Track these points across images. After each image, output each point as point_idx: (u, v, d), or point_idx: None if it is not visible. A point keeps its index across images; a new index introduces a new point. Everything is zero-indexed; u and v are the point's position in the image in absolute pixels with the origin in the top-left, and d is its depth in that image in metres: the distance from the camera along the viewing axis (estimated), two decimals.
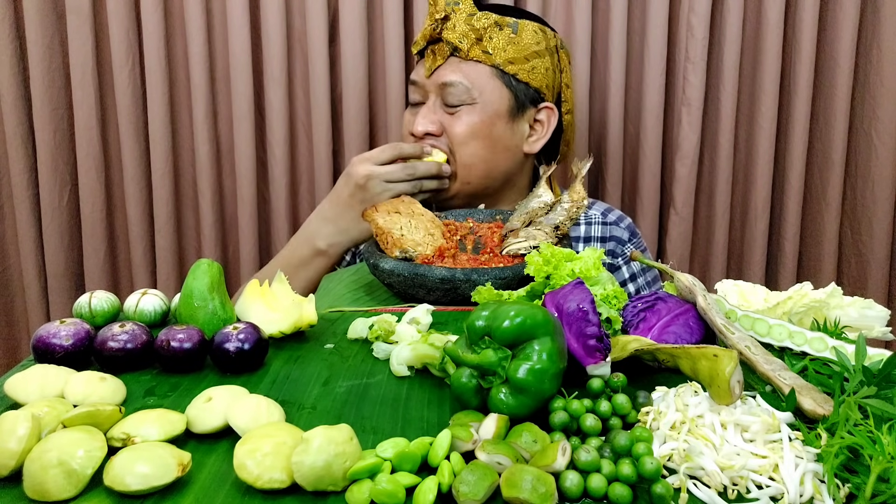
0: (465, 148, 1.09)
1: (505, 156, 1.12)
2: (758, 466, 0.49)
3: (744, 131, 1.49)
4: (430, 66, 1.10)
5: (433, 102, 1.11)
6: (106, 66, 1.46)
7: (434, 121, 1.10)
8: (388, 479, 0.48)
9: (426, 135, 1.10)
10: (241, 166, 1.47)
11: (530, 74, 1.10)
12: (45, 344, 0.67)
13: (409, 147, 1.08)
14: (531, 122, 1.14)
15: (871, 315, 0.72)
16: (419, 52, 1.14)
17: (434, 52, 1.10)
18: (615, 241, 1.15)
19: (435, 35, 1.09)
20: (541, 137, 1.15)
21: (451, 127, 1.09)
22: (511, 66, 1.08)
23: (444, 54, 1.09)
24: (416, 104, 1.14)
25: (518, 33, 1.08)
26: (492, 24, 1.08)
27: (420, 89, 1.13)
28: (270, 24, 1.41)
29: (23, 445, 0.49)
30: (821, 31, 1.43)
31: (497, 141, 1.10)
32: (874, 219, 1.47)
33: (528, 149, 1.14)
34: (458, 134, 1.08)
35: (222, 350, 0.67)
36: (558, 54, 1.15)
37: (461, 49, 1.07)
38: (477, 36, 1.07)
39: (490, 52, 1.07)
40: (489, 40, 1.07)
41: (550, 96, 1.14)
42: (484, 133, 1.09)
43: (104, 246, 1.51)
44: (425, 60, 1.12)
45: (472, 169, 1.10)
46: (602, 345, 0.61)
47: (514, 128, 1.11)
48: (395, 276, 0.89)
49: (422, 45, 1.12)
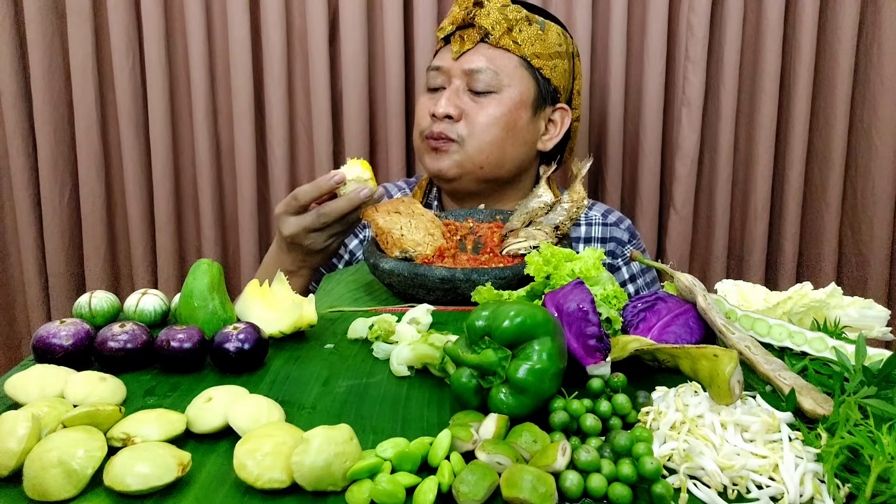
0: (485, 134, 1.08)
1: (521, 149, 1.13)
2: (758, 466, 0.49)
3: (744, 131, 1.49)
4: (458, 49, 1.10)
5: (457, 87, 1.10)
6: (106, 65, 1.46)
7: (456, 105, 1.09)
8: (388, 479, 0.48)
9: (446, 117, 1.09)
10: (241, 165, 1.47)
11: (553, 72, 1.11)
12: (45, 344, 0.67)
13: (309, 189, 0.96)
14: (546, 120, 1.15)
15: (871, 315, 0.72)
16: (445, 38, 1.14)
17: (462, 38, 1.10)
18: (615, 242, 1.15)
19: (467, 20, 1.09)
20: (553, 137, 1.16)
21: (475, 115, 1.08)
22: (537, 60, 1.10)
23: (473, 40, 1.09)
24: (436, 89, 1.13)
25: (545, 31, 1.10)
26: (522, 17, 1.09)
27: (443, 74, 1.12)
28: (270, 22, 1.41)
29: (23, 445, 0.49)
30: (821, 31, 1.43)
31: (518, 132, 1.10)
32: (874, 219, 1.47)
33: (541, 146, 1.16)
34: (481, 122, 1.08)
35: (222, 350, 0.67)
36: (574, 61, 1.17)
37: (492, 35, 1.08)
38: (508, 25, 1.08)
39: (519, 43, 1.09)
40: (518, 32, 1.09)
41: (565, 98, 1.16)
42: (506, 122, 1.09)
43: (104, 245, 1.51)
44: (452, 45, 1.11)
45: (488, 155, 1.09)
46: (602, 345, 0.61)
47: (533, 122, 1.12)
48: (395, 276, 0.89)
49: (449, 30, 1.12)
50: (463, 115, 1.09)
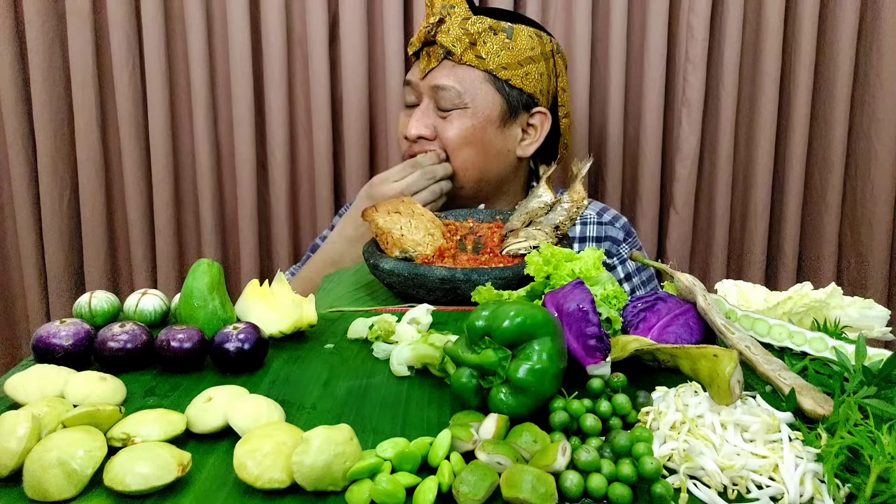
0: (459, 153, 1.10)
1: (498, 160, 1.13)
2: (758, 466, 0.49)
3: (744, 132, 1.49)
4: (424, 67, 1.11)
5: (426, 105, 1.11)
6: (106, 68, 1.46)
7: (427, 125, 1.10)
8: (388, 479, 0.48)
9: (419, 138, 1.10)
10: (241, 168, 1.47)
11: (524, 80, 1.10)
12: (45, 344, 0.67)
13: (425, 159, 1.08)
14: (524, 126, 1.14)
15: (871, 315, 0.72)
16: (415, 53, 1.14)
17: (429, 55, 1.11)
18: (610, 241, 1.15)
19: (430, 37, 1.09)
20: (533, 142, 1.15)
21: (444, 131, 1.10)
22: (504, 72, 1.08)
23: (438, 57, 1.09)
24: (411, 106, 1.14)
25: (513, 38, 1.09)
26: (486, 28, 1.08)
27: (414, 90, 1.13)
28: (270, 26, 1.41)
29: (23, 445, 0.49)
30: (821, 32, 1.43)
31: (489, 145, 1.10)
32: (874, 219, 1.47)
33: (521, 153, 1.15)
34: (451, 139, 1.09)
35: (222, 350, 0.67)
36: (554, 59, 1.15)
37: (454, 53, 1.07)
38: (471, 40, 1.07)
39: (483, 57, 1.08)
40: (483, 45, 1.07)
41: (545, 101, 1.15)
42: (475, 138, 1.09)
43: (104, 246, 1.51)
44: (420, 62, 1.12)
45: (465, 173, 1.11)
46: (602, 345, 0.61)
47: (505, 133, 1.12)
48: (395, 276, 0.89)
49: (417, 46, 1.12)
50: (437, 133, 1.10)
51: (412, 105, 1.14)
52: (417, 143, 1.11)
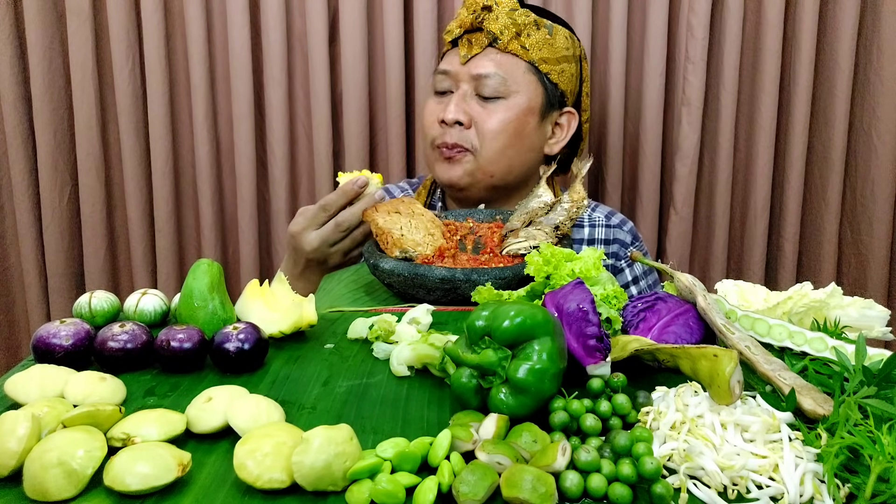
0: (494, 142, 1.08)
1: (529, 154, 1.13)
2: (758, 466, 0.49)
3: (744, 131, 1.49)
4: (466, 53, 1.09)
5: (465, 92, 1.09)
6: (106, 66, 1.46)
7: (465, 111, 1.08)
8: (388, 479, 0.48)
9: (456, 123, 1.08)
10: (241, 166, 1.47)
11: (560, 77, 1.11)
12: (45, 344, 0.67)
13: (336, 198, 0.99)
14: (553, 124, 1.15)
15: (871, 315, 0.72)
16: (452, 41, 1.13)
17: (471, 42, 1.09)
18: (619, 244, 1.15)
19: (475, 24, 1.09)
20: (560, 140, 1.16)
21: (483, 121, 1.08)
22: (545, 65, 1.09)
23: (481, 44, 1.09)
24: (443, 93, 1.12)
25: (553, 36, 1.10)
26: (531, 22, 1.09)
27: (450, 78, 1.11)
28: (270, 24, 1.41)
29: (23, 445, 0.49)
30: (821, 31, 1.43)
31: (525, 138, 1.10)
32: (874, 219, 1.47)
33: (548, 150, 1.16)
34: (490, 129, 1.08)
35: (222, 350, 0.67)
36: (581, 64, 1.17)
37: (501, 40, 1.07)
38: (517, 30, 1.08)
39: (527, 48, 1.08)
40: (527, 37, 1.08)
41: (572, 102, 1.16)
42: (514, 129, 1.09)
43: (104, 246, 1.51)
44: (460, 48, 1.11)
45: (496, 163, 1.09)
46: (602, 345, 0.61)
47: (540, 127, 1.12)
48: (395, 276, 0.89)
49: (457, 33, 1.11)
50: (472, 122, 1.08)
51: (444, 92, 1.12)
52: (453, 128, 1.08)
